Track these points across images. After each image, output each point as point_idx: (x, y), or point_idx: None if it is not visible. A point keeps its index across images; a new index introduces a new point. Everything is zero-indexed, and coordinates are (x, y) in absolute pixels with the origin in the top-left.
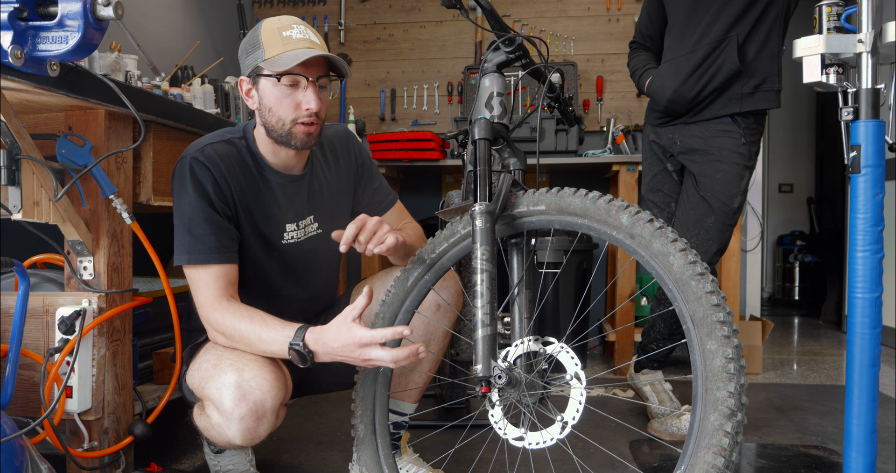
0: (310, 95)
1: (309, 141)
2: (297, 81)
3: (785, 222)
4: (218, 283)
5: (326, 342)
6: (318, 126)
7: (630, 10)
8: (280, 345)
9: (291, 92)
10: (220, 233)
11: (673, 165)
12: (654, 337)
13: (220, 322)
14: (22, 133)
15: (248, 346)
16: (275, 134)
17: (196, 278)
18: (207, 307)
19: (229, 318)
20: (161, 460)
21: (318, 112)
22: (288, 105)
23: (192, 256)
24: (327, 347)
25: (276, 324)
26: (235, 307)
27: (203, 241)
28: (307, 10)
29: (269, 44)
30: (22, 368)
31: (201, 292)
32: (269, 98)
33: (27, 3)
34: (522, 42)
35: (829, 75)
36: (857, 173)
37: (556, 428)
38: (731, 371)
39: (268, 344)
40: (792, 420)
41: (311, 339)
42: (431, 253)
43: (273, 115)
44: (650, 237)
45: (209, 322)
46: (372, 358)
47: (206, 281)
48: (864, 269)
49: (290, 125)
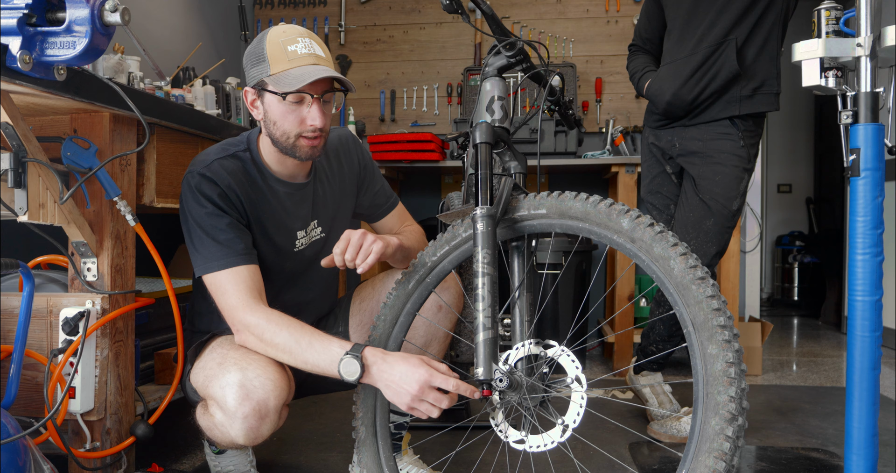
0: (315, 112)
1: (314, 154)
2: (301, 98)
3: (784, 222)
4: (248, 284)
5: (389, 367)
6: (323, 139)
7: (629, 11)
8: (330, 356)
9: (296, 108)
10: (244, 236)
11: (672, 167)
12: (653, 339)
13: (258, 325)
14: (28, 136)
15: (287, 353)
16: (279, 146)
17: (225, 281)
18: (241, 309)
19: (273, 323)
20: (162, 460)
21: (322, 127)
22: (293, 121)
23: (224, 260)
24: (385, 371)
25: (324, 336)
26: (277, 314)
27: (231, 246)
28: (307, 12)
29: (274, 58)
30: (25, 368)
31: (230, 294)
32: (273, 112)
33: (36, 9)
34: (523, 46)
35: (828, 79)
36: (857, 177)
37: (557, 431)
38: (731, 375)
39: (316, 353)
40: (792, 423)
41: (371, 356)
42: (433, 256)
43: (278, 128)
44: (651, 241)
45: (245, 325)
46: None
47: (235, 283)
48: (864, 272)
49: (294, 139)
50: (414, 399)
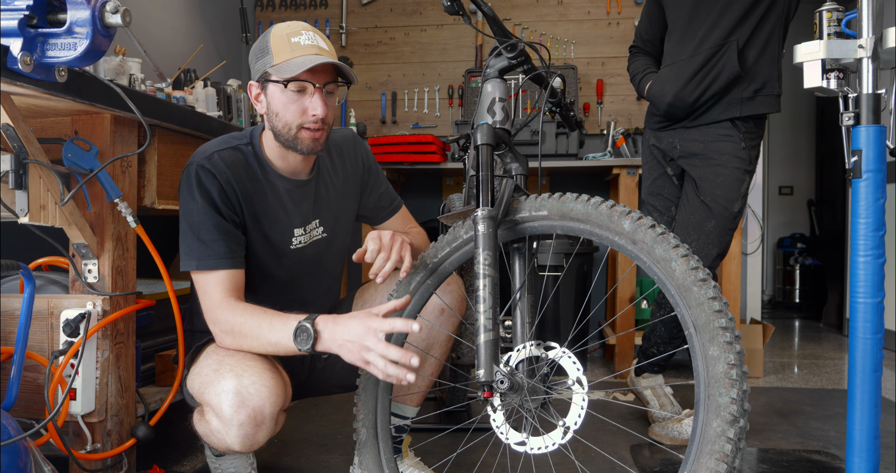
0: (316, 101)
1: (315, 147)
2: (304, 87)
3: (785, 224)
4: (225, 286)
5: (338, 327)
6: (325, 132)
7: (630, 13)
8: (288, 330)
9: (298, 98)
10: (228, 239)
11: (673, 169)
12: (654, 341)
13: (227, 321)
14: (29, 137)
15: (255, 339)
16: (282, 138)
17: (204, 282)
18: (215, 308)
19: (237, 314)
20: (163, 462)
21: (324, 118)
22: (294, 111)
23: (201, 261)
24: (336, 331)
25: (286, 314)
26: (243, 305)
27: (212, 247)
28: (309, 14)
29: (278, 50)
30: (26, 370)
31: (209, 296)
32: (276, 103)
33: (37, 11)
34: (524, 48)
35: (829, 81)
36: (859, 178)
37: (558, 433)
38: (733, 377)
39: (276, 331)
40: (793, 425)
41: (322, 321)
42: (434, 258)
43: (280, 120)
44: (652, 243)
45: (216, 322)
46: (370, 346)
47: (213, 286)
48: (866, 274)
49: (296, 130)
50: (361, 349)
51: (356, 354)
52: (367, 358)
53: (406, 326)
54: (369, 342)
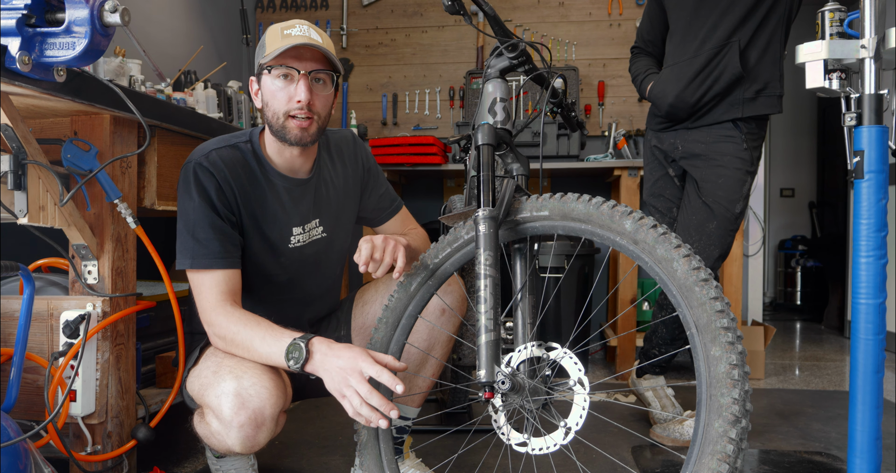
0: (300, 88)
1: (303, 137)
2: (290, 74)
3: (786, 226)
4: (220, 287)
5: (331, 352)
6: (315, 123)
7: (631, 14)
8: (280, 346)
9: (286, 85)
10: (223, 238)
11: (675, 170)
12: (656, 342)
13: (221, 326)
14: (28, 138)
15: (246, 349)
16: (273, 129)
17: (199, 282)
18: (210, 310)
19: (232, 322)
20: (164, 464)
21: (309, 105)
22: (281, 98)
23: (195, 260)
24: (327, 357)
25: (281, 329)
26: (239, 313)
27: (207, 246)
28: (310, 15)
29: (271, 42)
30: (26, 371)
31: (204, 296)
32: (266, 93)
33: (35, 10)
34: (525, 48)
35: (831, 81)
36: (861, 179)
37: (560, 434)
38: (735, 377)
39: (268, 345)
40: (795, 426)
41: (317, 343)
42: (434, 258)
43: (269, 109)
44: (654, 243)
45: (210, 325)
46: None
47: (208, 285)
48: (868, 275)
49: (283, 119)
50: (344, 382)
51: (338, 384)
52: (344, 393)
53: (392, 383)
54: (353, 380)
